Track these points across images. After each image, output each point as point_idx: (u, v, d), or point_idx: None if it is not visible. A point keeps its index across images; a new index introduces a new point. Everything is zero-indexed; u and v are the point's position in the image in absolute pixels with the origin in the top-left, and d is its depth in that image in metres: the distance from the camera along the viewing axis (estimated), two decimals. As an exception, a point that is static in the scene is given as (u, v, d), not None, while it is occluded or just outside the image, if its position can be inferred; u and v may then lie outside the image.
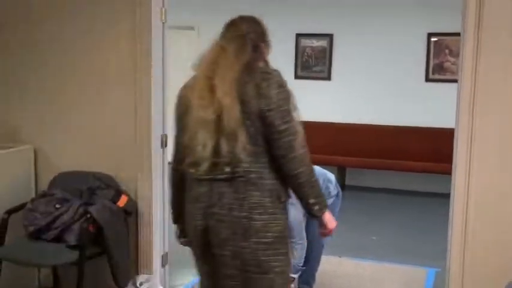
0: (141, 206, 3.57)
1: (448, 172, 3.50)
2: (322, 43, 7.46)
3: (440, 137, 6.65)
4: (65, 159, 3.70)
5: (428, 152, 6.89)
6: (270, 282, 2.21)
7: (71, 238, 3.21)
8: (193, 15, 7.88)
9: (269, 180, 2.17)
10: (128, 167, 3.56)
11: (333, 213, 3.79)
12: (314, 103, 7.51)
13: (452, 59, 6.92)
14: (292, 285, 3.59)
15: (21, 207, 3.42)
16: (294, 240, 3.49)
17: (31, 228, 3.30)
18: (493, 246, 3.13)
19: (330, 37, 7.41)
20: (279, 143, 2.13)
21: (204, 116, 2.14)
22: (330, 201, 3.73)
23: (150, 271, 3.63)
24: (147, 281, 3.60)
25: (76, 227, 3.22)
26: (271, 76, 2.22)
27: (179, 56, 8.03)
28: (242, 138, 2.10)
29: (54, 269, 3.67)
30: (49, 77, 3.68)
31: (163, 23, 3.50)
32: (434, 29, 6.94)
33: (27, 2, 3.66)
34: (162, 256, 3.72)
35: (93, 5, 3.53)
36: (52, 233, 3.25)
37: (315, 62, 7.53)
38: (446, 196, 3.62)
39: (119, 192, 3.46)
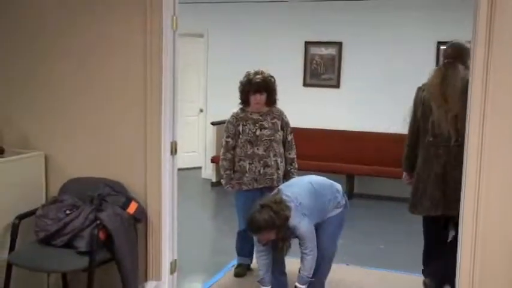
0: (151, 213, 3.59)
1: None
2: (331, 51, 7.48)
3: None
4: (76, 166, 3.72)
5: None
6: None
7: (81, 244, 3.22)
8: (203, 23, 7.92)
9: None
10: (138, 173, 3.58)
11: (341, 222, 3.79)
12: (323, 111, 7.53)
13: (461, 68, 6.90)
14: None
15: (32, 213, 3.44)
16: (305, 251, 3.50)
17: (41, 234, 3.32)
18: (503, 259, 3.11)
19: (338, 45, 7.43)
20: None
21: (442, 112, 3.67)
22: (338, 211, 3.73)
23: (158, 278, 3.64)
24: (156, 287, 3.61)
25: (86, 233, 3.24)
26: None
27: (188, 63, 8.11)
28: (463, 124, 3.28)
29: (64, 274, 3.68)
30: (60, 85, 3.72)
31: (174, 30, 3.52)
32: (444, 38, 6.91)
33: (41, 15, 3.70)
34: (171, 263, 3.73)
35: (105, 13, 3.57)
36: (62, 239, 3.27)
37: (323, 69, 7.55)
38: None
39: (128, 199, 3.48)
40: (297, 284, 3.57)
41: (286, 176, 4.21)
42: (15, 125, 3.80)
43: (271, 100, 4.20)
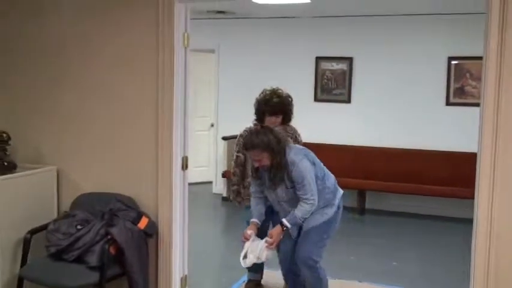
0: (161, 228, 3.59)
1: (469, 197, 3.46)
2: (342, 66, 7.49)
3: (460, 161, 6.58)
4: (87, 181, 3.75)
5: (449, 176, 6.81)
6: None
7: (92, 259, 3.23)
8: (214, 38, 7.97)
9: None
10: (149, 188, 3.59)
11: (329, 229, 3.52)
12: (334, 126, 7.52)
13: (473, 83, 6.88)
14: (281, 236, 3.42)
15: (44, 227, 3.46)
16: (305, 196, 3.34)
17: (53, 249, 3.33)
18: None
19: (349, 60, 7.44)
20: None
21: None
22: (329, 212, 3.51)
23: (169, 293, 3.63)
24: (166, 303, 3.60)
25: (97, 248, 3.25)
26: None
27: (199, 78, 8.15)
28: None
29: (75, 289, 3.69)
30: (73, 101, 3.75)
31: (185, 47, 3.55)
32: (455, 53, 6.93)
33: (57, 35, 3.75)
34: (182, 278, 3.72)
35: (117, 30, 3.61)
36: (73, 254, 3.28)
37: (334, 85, 7.55)
38: (467, 221, 3.57)
39: (139, 214, 3.49)
40: (284, 220, 3.40)
41: None
42: (28, 140, 3.84)
43: (286, 120, 4.10)
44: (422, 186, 6.79)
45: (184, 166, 3.66)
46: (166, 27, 3.45)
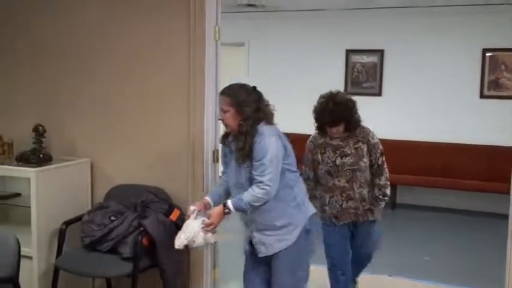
0: (193, 220, 3.61)
1: (504, 191, 3.40)
2: (373, 59, 7.41)
3: (495, 154, 6.46)
4: (120, 173, 3.80)
5: (482, 170, 6.69)
6: None
7: (125, 250, 3.28)
8: (244, 32, 7.97)
9: None
10: (181, 181, 3.63)
11: (298, 260, 2.97)
12: (364, 119, 7.41)
13: (508, 75, 6.73)
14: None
15: (78, 219, 3.53)
16: (261, 178, 2.74)
17: (87, 240, 3.40)
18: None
19: (380, 53, 7.35)
20: None
21: None
22: (290, 238, 2.90)
23: (200, 285, 3.67)
24: (197, 294, 3.63)
25: (130, 239, 3.30)
26: None
27: (229, 71, 8.16)
28: None
29: (108, 279, 3.76)
30: (105, 94, 3.81)
31: (216, 41, 3.56)
32: (489, 44, 6.78)
33: (88, 26, 3.81)
34: (213, 271, 3.75)
35: (148, 23, 3.64)
36: (107, 245, 3.34)
37: (365, 77, 7.48)
38: (502, 217, 3.51)
39: (171, 206, 3.51)
40: (228, 201, 2.82)
41: (374, 203, 3.59)
42: (63, 133, 3.91)
43: (351, 127, 3.56)
44: (455, 181, 6.69)
45: (216, 159, 3.68)
46: (198, 19, 3.46)
